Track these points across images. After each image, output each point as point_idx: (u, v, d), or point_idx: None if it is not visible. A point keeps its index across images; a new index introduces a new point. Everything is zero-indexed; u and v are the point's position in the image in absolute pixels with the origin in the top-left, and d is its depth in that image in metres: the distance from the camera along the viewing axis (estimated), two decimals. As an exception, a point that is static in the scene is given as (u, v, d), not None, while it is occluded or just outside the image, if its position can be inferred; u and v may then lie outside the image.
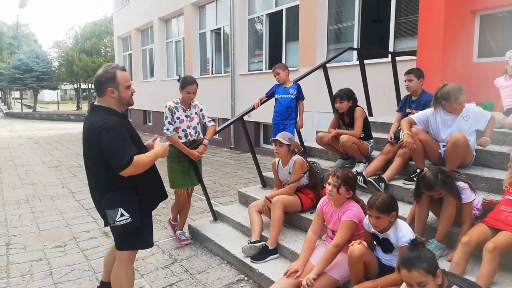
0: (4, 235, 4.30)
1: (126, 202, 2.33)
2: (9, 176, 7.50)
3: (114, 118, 2.31)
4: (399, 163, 3.58)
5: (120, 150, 2.21)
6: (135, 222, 2.34)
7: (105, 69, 2.35)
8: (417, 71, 3.90)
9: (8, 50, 39.64)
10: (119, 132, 2.26)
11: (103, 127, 2.22)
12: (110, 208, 2.31)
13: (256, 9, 9.96)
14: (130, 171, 2.24)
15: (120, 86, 2.35)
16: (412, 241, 1.90)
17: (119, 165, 2.20)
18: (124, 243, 2.47)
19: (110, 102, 2.36)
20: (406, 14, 6.41)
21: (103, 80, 2.32)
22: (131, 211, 2.33)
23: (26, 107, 34.66)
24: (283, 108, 4.66)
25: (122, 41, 18.81)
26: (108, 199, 2.32)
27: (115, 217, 2.30)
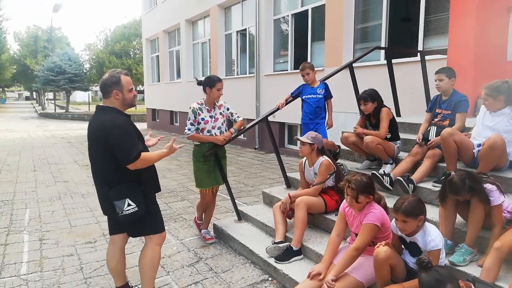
0: (38, 231, 4.48)
1: (131, 193, 2.53)
2: (43, 174, 7.82)
3: (122, 117, 2.57)
4: (428, 165, 3.48)
5: (130, 145, 2.47)
6: (141, 210, 2.55)
7: (110, 74, 2.61)
8: (448, 70, 3.78)
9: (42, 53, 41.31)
10: (128, 129, 2.53)
11: (114, 124, 2.47)
12: (118, 199, 2.52)
13: (282, 10, 9.94)
14: (137, 165, 2.49)
15: (124, 89, 2.59)
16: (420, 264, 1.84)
17: (128, 159, 2.45)
18: (141, 230, 2.71)
19: (114, 103, 2.60)
20: (436, 12, 6.23)
21: (109, 83, 2.57)
22: (137, 201, 2.54)
23: (59, 108, 36.00)
24: (312, 108, 4.56)
25: (150, 43, 19.22)
26: (115, 191, 2.52)
27: (123, 207, 2.51)
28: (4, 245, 4.05)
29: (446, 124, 3.66)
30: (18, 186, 6.73)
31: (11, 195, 6.07)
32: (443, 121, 3.72)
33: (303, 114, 4.70)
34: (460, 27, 4.84)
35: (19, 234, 4.36)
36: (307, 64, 4.61)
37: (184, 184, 6.82)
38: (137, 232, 2.77)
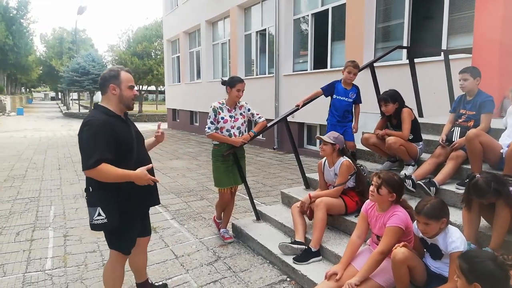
0: (62, 227, 4.61)
1: (105, 202, 2.32)
2: (67, 172, 8.03)
3: (103, 118, 2.33)
4: (452, 166, 3.40)
5: (90, 150, 2.22)
6: (111, 223, 2.33)
7: (110, 68, 2.46)
8: (473, 70, 3.67)
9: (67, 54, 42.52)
10: (98, 132, 2.25)
11: (86, 124, 2.29)
12: (90, 206, 2.35)
13: (302, 9, 9.90)
14: (93, 175, 2.25)
15: (122, 84, 2.41)
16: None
17: (84, 164, 2.23)
18: (108, 241, 2.52)
19: (110, 100, 2.41)
20: (460, 10, 6.08)
21: (107, 77, 2.41)
22: (108, 212, 2.32)
23: (83, 108, 36.90)
24: (341, 111, 4.42)
25: (171, 44, 19.48)
26: (90, 196, 2.37)
27: (93, 215, 2.32)
28: (30, 240, 4.19)
29: (470, 125, 3.56)
30: (43, 183, 6.94)
31: (37, 193, 6.27)
32: (468, 122, 3.63)
33: (330, 115, 4.54)
34: (486, 25, 4.70)
35: (44, 230, 4.50)
36: (354, 63, 4.40)
37: (203, 184, 6.89)
38: (109, 244, 2.53)
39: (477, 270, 1.67)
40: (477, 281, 1.66)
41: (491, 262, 1.67)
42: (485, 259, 1.69)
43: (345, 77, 4.41)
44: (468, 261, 1.72)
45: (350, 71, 4.35)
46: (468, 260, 1.72)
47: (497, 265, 1.66)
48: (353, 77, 4.39)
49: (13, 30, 37.36)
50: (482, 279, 1.66)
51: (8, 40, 35.79)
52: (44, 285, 3.20)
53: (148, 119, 26.43)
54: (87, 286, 3.18)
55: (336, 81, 4.54)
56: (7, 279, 3.30)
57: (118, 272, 2.60)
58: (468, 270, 1.69)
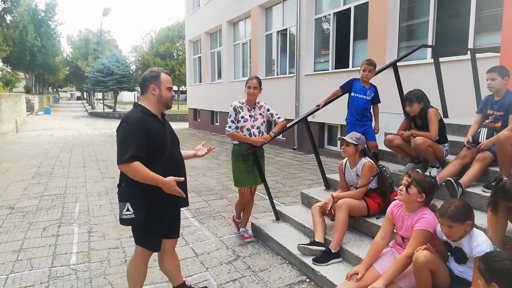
0: (87, 224, 4.73)
1: (134, 198, 2.40)
2: (92, 170, 8.24)
3: (140, 116, 2.43)
4: (478, 168, 3.30)
5: (124, 146, 2.32)
6: (138, 219, 2.41)
7: (151, 69, 2.56)
8: (501, 69, 3.54)
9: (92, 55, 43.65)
10: (133, 129, 2.35)
11: (123, 121, 2.40)
12: (121, 201, 2.44)
13: (323, 8, 9.82)
14: (125, 170, 2.34)
15: (161, 85, 2.51)
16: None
17: (119, 159, 2.32)
18: (135, 237, 2.60)
19: (150, 99, 2.51)
20: (488, 7, 5.89)
21: (148, 77, 2.51)
22: (136, 208, 2.39)
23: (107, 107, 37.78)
24: (360, 109, 4.41)
25: (193, 45, 19.69)
26: (121, 191, 2.46)
27: (122, 210, 2.42)
28: (56, 236, 4.32)
29: (498, 126, 3.45)
30: (69, 181, 7.14)
31: (63, 189, 6.46)
32: (495, 122, 3.51)
33: (349, 113, 4.54)
34: (516, 23, 4.53)
35: (70, 226, 4.63)
36: (374, 62, 4.42)
37: (223, 183, 6.93)
38: (136, 240, 2.61)
39: (494, 270, 1.63)
40: (495, 281, 1.61)
41: (508, 261, 1.62)
42: (502, 259, 1.64)
43: (361, 75, 4.43)
44: (485, 261, 1.67)
45: (365, 68, 4.36)
46: (485, 260, 1.68)
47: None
48: (369, 75, 4.39)
49: (41, 32, 38.64)
50: (499, 278, 1.61)
51: (37, 42, 37.04)
52: (69, 279, 3.30)
53: (169, 118, 26.57)
54: (110, 281, 3.26)
55: (354, 78, 4.54)
56: (34, 273, 3.41)
57: (142, 269, 2.67)
58: (485, 270, 1.65)
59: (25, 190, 6.40)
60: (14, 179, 7.19)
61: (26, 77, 41.11)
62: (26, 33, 35.09)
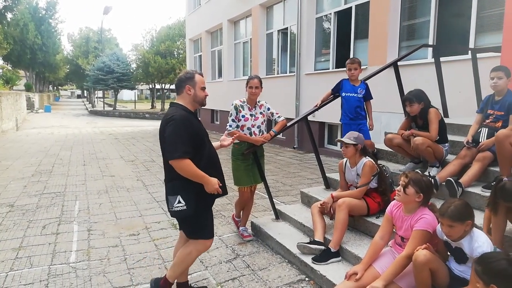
0: (87, 222, 4.73)
1: (184, 191, 2.56)
2: (91, 168, 8.25)
3: (183, 114, 2.60)
4: (478, 168, 3.29)
5: (175, 143, 2.48)
6: (189, 210, 2.57)
7: (186, 71, 2.75)
8: (506, 69, 3.54)
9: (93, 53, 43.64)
10: (181, 127, 2.52)
11: (171, 119, 2.54)
12: (171, 194, 2.60)
13: (324, 8, 9.81)
14: (175, 165, 2.49)
15: (196, 86, 2.69)
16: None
17: (170, 154, 2.48)
18: (186, 230, 2.77)
19: (186, 99, 2.69)
20: (490, 7, 5.88)
21: (183, 78, 2.69)
22: (187, 200, 2.56)
23: (108, 106, 37.81)
24: (352, 107, 4.48)
25: (193, 43, 19.67)
26: (171, 186, 2.61)
27: (173, 203, 2.57)
28: (55, 234, 4.32)
29: (498, 126, 3.44)
30: (69, 179, 7.14)
31: (62, 187, 6.46)
32: (496, 122, 3.50)
33: (343, 114, 4.61)
34: (517, 23, 4.52)
35: (69, 224, 4.63)
36: (357, 59, 4.55)
37: (224, 182, 6.91)
38: (187, 232, 2.79)
39: (491, 271, 1.62)
40: (493, 282, 1.61)
41: (504, 261, 1.62)
42: (499, 259, 1.63)
43: (348, 75, 4.55)
44: (482, 262, 1.67)
45: (350, 68, 4.51)
46: (481, 262, 1.67)
47: (510, 264, 1.60)
48: (355, 73, 4.50)
49: (42, 30, 38.59)
50: (497, 279, 1.61)
51: (37, 40, 37.01)
52: (68, 277, 3.30)
53: (170, 117, 26.79)
54: (109, 279, 3.26)
55: (343, 79, 4.64)
56: (33, 271, 3.41)
57: (193, 256, 2.80)
58: (482, 272, 1.64)
59: (25, 188, 6.41)
60: (14, 177, 7.20)
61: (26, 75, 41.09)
62: (26, 31, 35.06)
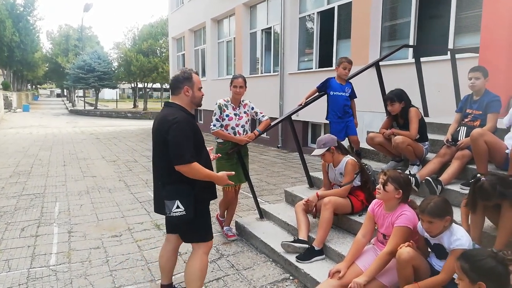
0: (67, 223, 4.64)
1: (182, 195, 2.47)
2: (72, 168, 8.08)
3: (184, 116, 2.51)
4: (457, 166, 3.37)
5: (182, 147, 2.39)
6: (188, 215, 2.47)
7: (182, 70, 2.63)
8: (484, 69, 3.64)
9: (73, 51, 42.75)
10: (186, 129, 2.44)
11: (175, 121, 2.42)
12: (168, 199, 2.47)
13: (307, 8, 9.87)
14: (184, 170, 2.42)
15: (194, 86, 2.60)
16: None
17: (179, 159, 2.39)
18: (187, 235, 2.68)
19: (183, 100, 2.59)
20: (468, 8, 6.03)
21: (181, 79, 2.58)
22: (186, 205, 2.46)
23: (88, 105, 37.12)
24: (341, 106, 4.52)
25: (176, 42, 19.50)
26: (168, 190, 2.48)
27: (172, 208, 2.46)
28: (35, 236, 4.22)
29: (476, 125, 3.53)
30: (49, 180, 6.98)
31: (42, 189, 6.31)
32: (474, 121, 3.60)
33: (330, 112, 4.60)
34: (493, 24, 4.65)
35: (49, 226, 4.53)
36: (349, 59, 4.57)
37: (207, 181, 6.88)
38: (188, 238, 2.70)
39: (479, 269, 1.66)
40: (481, 280, 1.65)
41: (491, 259, 1.66)
42: (486, 257, 1.68)
43: (339, 73, 4.54)
44: (469, 260, 1.70)
45: (346, 67, 4.50)
46: (469, 260, 1.71)
47: (498, 261, 1.65)
48: (348, 73, 4.54)
49: (20, 27, 37.55)
50: (485, 277, 1.65)
51: (15, 37, 35.99)
52: (49, 280, 3.22)
53: (153, 116, 26.47)
54: (91, 282, 3.20)
55: (329, 77, 4.64)
56: (12, 274, 3.32)
57: (207, 264, 2.72)
58: (470, 270, 1.68)
59: (3, 189, 6.23)
60: (-9, 178, 6.99)
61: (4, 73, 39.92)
62: (3, 28, 34.02)
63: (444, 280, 2.24)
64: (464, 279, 1.71)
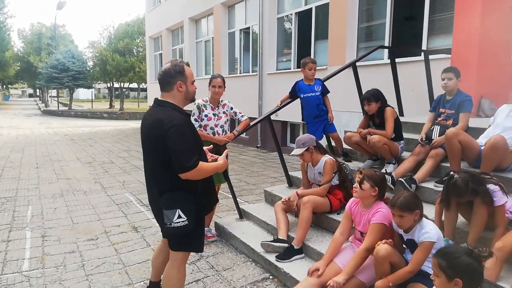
0: (40, 228, 4.49)
1: (184, 203, 2.25)
2: (45, 171, 7.84)
3: (181, 117, 2.26)
4: (431, 164, 3.47)
5: (188, 151, 2.17)
6: (191, 225, 2.26)
7: (173, 63, 2.33)
8: (456, 70, 3.76)
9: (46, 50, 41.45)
10: (186, 131, 2.23)
11: (172, 124, 2.17)
12: (168, 209, 2.24)
13: (286, 8, 9.92)
14: (191, 175, 2.20)
15: (187, 81, 2.34)
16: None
17: (184, 166, 2.16)
18: (179, 245, 2.39)
19: (176, 97, 2.32)
20: (441, 11, 6.20)
21: (173, 73, 2.29)
22: (188, 214, 2.25)
23: (62, 105, 36.12)
24: (314, 107, 4.58)
25: (154, 41, 19.24)
26: (167, 199, 2.25)
27: (172, 218, 2.22)
28: (6, 241, 4.06)
29: (449, 124, 3.64)
30: (21, 183, 6.75)
31: (13, 192, 6.09)
32: (447, 120, 3.70)
33: (305, 114, 4.69)
34: (465, 27, 4.81)
35: (21, 231, 4.38)
36: (311, 59, 4.63)
37: (186, 182, 6.81)
38: (180, 247, 2.40)
39: (456, 266, 1.70)
40: (458, 277, 1.69)
41: (467, 256, 1.71)
42: (462, 254, 1.73)
43: (306, 74, 4.61)
44: (446, 258, 1.75)
45: (311, 67, 4.57)
46: (446, 257, 1.75)
47: (474, 258, 1.71)
48: (314, 73, 4.60)
49: (-11, 24, 36.15)
50: (461, 274, 1.69)
51: (-16, 35, 34.64)
52: (21, 286, 3.12)
53: (129, 117, 26.03)
54: (66, 287, 3.11)
55: (297, 81, 4.70)
56: (-19, 282, 3.19)
57: (184, 272, 2.51)
58: (447, 267, 1.72)
59: (-29, 193, 5.99)
60: (-41, 182, 6.70)
61: (-28, 72, 38.39)
62: (-29, 25, 32.74)
63: (411, 271, 2.32)
64: (440, 276, 1.75)
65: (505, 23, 4.77)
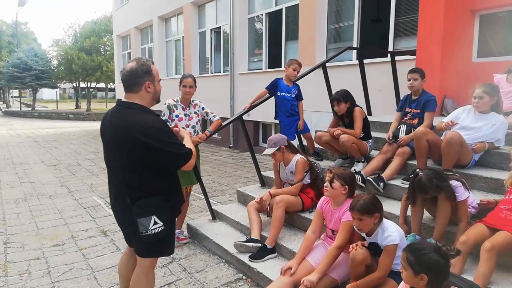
0: (2, 234, 4.28)
1: (159, 209, 2.16)
2: (7, 174, 7.48)
3: (156, 118, 2.19)
4: (398, 162, 3.58)
5: (177, 145, 2.15)
6: (167, 229, 2.19)
7: (140, 62, 2.19)
8: (421, 71, 3.90)
9: (7, 48, 39.54)
10: (169, 132, 2.19)
11: (155, 128, 2.09)
12: (142, 216, 2.12)
13: (256, 8, 9.95)
14: (188, 165, 2.18)
15: (155, 80, 2.23)
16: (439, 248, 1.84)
17: (182, 160, 2.14)
18: (152, 252, 2.29)
19: (144, 98, 2.19)
20: (406, 14, 6.41)
21: (141, 73, 2.15)
22: (164, 218, 2.17)
23: (25, 106, 34.59)
24: (287, 106, 4.63)
25: (122, 40, 18.79)
26: (140, 206, 2.13)
27: (148, 226, 2.12)
28: (-36, 249, 3.85)
29: (415, 123, 3.78)
30: (-20, 187, 6.41)
31: (-28, 197, 5.78)
32: (413, 119, 3.84)
33: (279, 112, 4.71)
34: (428, 29, 5.00)
35: (-18, 238, 4.16)
36: (299, 62, 4.68)
37: (157, 184, 6.69)
38: (150, 254, 2.29)
39: (423, 262, 1.76)
40: (424, 272, 1.75)
41: (435, 254, 1.77)
42: (431, 251, 1.78)
43: (289, 73, 4.64)
44: (415, 253, 1.80)
45: (295, 68, 4.62)
46: (414, 253, 1.80)
47: (441, 256, 1.76)
48: (296, 74, 4.66)
49: None
50: (428, 269, 1.75)
51: None
52: (-19, 297, 2.96)
53: (97, 117, 25.24)
54: (30, 296, 2.98)
55: (277, 78, 4.73)
56: None
57: (153, 277, 2.41)
58: (415, 262, 1.78)
59: None
60: None
61: None
62: None
63: (380, 277, 2.36)
64: (408, 269, 1.80)
65: (466, 25, 5.00)
